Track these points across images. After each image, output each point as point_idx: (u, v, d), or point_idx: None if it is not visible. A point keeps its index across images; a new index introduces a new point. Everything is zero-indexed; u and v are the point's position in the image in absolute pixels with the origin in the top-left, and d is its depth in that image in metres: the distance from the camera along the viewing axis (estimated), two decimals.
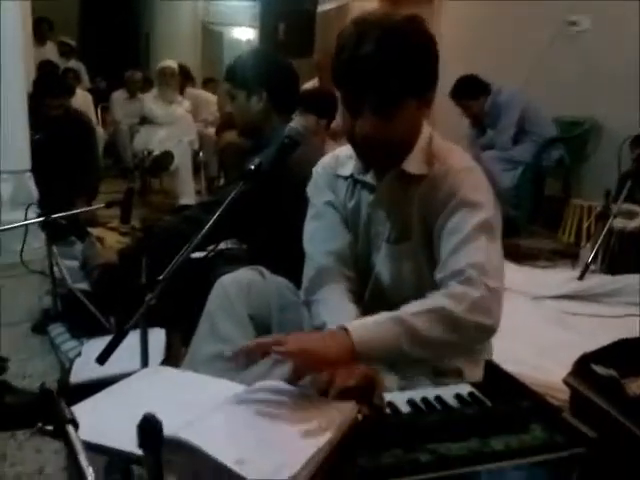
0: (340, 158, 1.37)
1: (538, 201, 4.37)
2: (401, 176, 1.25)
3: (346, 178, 1.35)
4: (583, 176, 4.41)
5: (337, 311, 1.24)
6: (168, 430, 0.62)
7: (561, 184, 4.47)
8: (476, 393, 1.12)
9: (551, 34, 4.42)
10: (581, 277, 2.81)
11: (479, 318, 1.11)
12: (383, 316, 1.11)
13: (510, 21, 4.85)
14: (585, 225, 3.77)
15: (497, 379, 1.15)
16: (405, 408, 1.05)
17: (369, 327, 1.09)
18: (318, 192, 1.38)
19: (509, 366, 1.56)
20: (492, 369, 1.18)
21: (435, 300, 1.12)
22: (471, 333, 1.13)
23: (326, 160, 1.41)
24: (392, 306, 1.30)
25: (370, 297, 1.35)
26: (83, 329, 2.02)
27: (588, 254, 2.95)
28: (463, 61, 4.69)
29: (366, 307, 1.31)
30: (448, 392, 1.11)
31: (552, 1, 4.40)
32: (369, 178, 1.31)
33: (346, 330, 1.07)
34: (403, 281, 1.29)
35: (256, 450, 0.83)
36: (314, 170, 1.41)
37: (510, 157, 4.26)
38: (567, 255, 3.51)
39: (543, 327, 2.37)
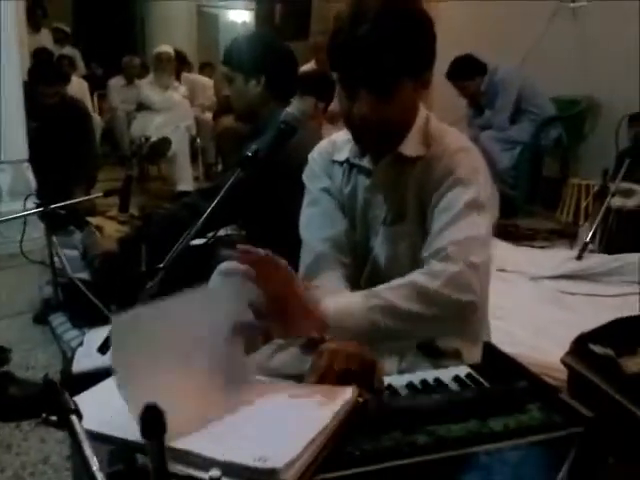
0: (337, 143, 1.37)
1: (536, 181, 4.37)
2: (398, 159, 1.25)
3: (342, 163, 1.35)
4: (581, 155, 4.41)
5: (335, 297, 1.24)
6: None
7: (559, 163, 4.46)
8: (474, 375, 1.13)
9: (549, 11, 4.39)
10: (579, 257, 2.82)
11: (455, 293, 1.10)
12: (358, 292, 1.13)
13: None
14: (583, 204, 3.78)
15: (495, 360, 1.16)
16: (404, 391, 1.06)
17: (341, 301, 1.12)
18: (314, 178, 1.38)
19: (507, 347, 1.57)
20: (490, 350, 1.19)
21: (411, 276, 1.13)
22: (449, 308, 1.12)
23: (322, 145, 1.41)
24: None
25: (367, 281, 1.35)
26: (84, 318, 2.03)
27: (586, 233, 2.96)
28: (459, 40, 4.66)
29: (362, 289, 1.33)
30: (446, 374, 1.12)
31: None
32: (365, 162, 1.31)
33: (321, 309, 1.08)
34: (399, 263, 1.29)
35: (257, 440, 0.84)
36: (310, 156, 1.41)
37: (508, 137, 4.25)
38: (565, 235, 3.51)
39: (541, 307, 2.38)
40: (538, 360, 1.72)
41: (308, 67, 5.11)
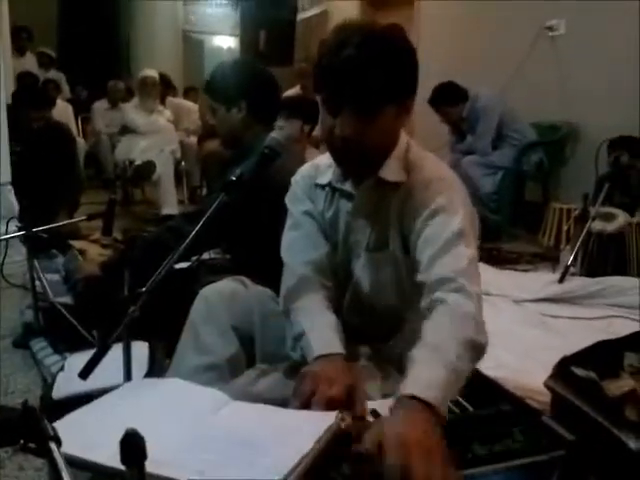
0: (320, 167, 1.38)
1: (518, 205, 4.42)
2: (378, 183, 1.26)
3: (324, 187, 1.36)
4: (562, 179, 4.48)
5: (316, 319, 1.24)
6: (152, 444, 0.62)
7: (541, 188, 4.52)
8: (459, 399, 1.13)
9: (529, 39, 4.48)
10: (561, 280, 2.84)
11: (482, 339, 1.09)
12: (439, 364, 0.99)
13: (488, 26, 4.91)
14: (565, 228, 3.82)
15: (479, 385, 1.16)
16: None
17: (440, 387, 0.96)
18: (296, 201, 1.39)
19: (491, 370, 1.58)
20: (474, 375, 1.20)
21: (458, 326, 1.06)
22: (482, 353, 1.10)
23: (305, 169, 1.42)
24: (371, 309, 1.31)
25: (349, 305, 1.36)
26: (65, 343, 2.00)
27: (568, 257, 2.99)
28: (441, 66, 4.75)
29: (345, 315, 1.33)
30: None
31: (530, 4, 4.46)
32: (347, 186, 1.32)
33: (427, 403, 0.92)
34: (383, 288, 1.29)
35: (241, 462, 0.83)
36: (293, 179, 1.42)
37: (490, 162, 4.31)
38: (547, 258, 3.55)
39: (525, 330, 2.39)
40: (522, 383, 1.73)
41: (292, 92, 5.17)
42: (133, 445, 0.55)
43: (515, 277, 3.16)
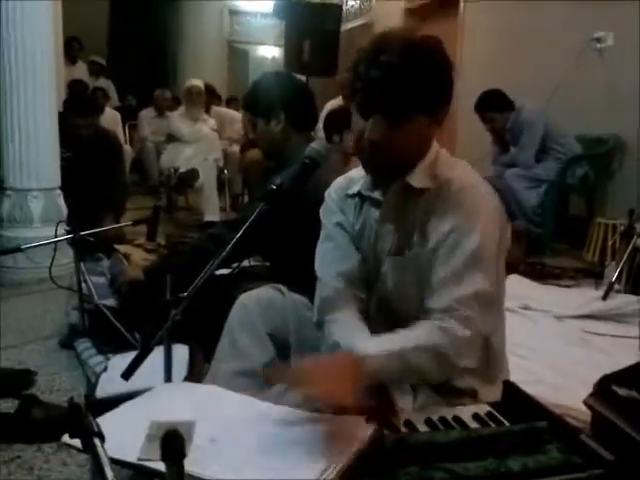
0: (352, 179, 1.40)
1: (562, 219, 4.33)
2: (405, 189, 1.27)
3: (354, 196, 1.37)
4: (608, 194, 4.37)
5: (349, 331, 1.26)
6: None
7: (585, 202, 4.43)
8: (494, 413, 1.13)
9: (575, 50, 4.41)
10: (605, 296, 2.78)
11: (461, 361, 1.16)
12: (393, 345, 1.14)
13: (533, 37, 4.85)
14: (609, 243, 3.73)
15: (515, 399, 1.15)
16: (422, 427, 1.06)
17: (380, 361, 1.12)
18: (329, 213, 1.41)
19: (530, 386, 1.55)
20: (511, 389, 1.19)
21: (439, 336, 1.15)
22: (450, 374, 1.20)
23: (338, 182, 1.44)
24: (395, 317, 1.31)
25: (375, 310, 1.36)
26: (109, 344, 2.05)
27: (612, 273, 2.92)
28: (485, 77, 4.71)
29: (372, 320, 1.33)
30: (466, 412, 1.12)
31: (577, 15, 4.40)
32: (377, 194, 1.33)
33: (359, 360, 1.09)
34: (406, 292, 1.29)
35: (275, 467, 0.85)
36: (326, 193, 1.45)
37: (534, 175, 4.24)
38: (591, 274, 3.46)
39: (565, 347, 2.35)
40: (561, 401, 1.70)
41: (335, 103, 5.20)
42: (173, 443, 0.57)
43: (557, 292, 3.11)
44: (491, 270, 1.20)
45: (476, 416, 1.10)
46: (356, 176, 1.40)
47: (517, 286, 2.99)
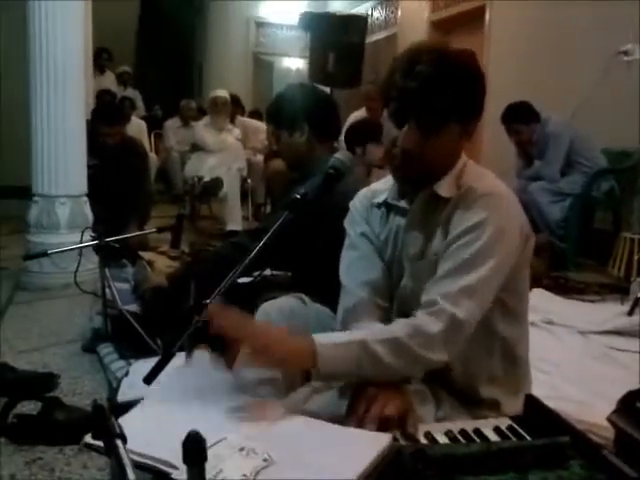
0: (376, 191, 1.42)
1: (587, 233, 4.27)
2: (431, 198, 1.28)
3: (380, 206, 1.39)
4: (634, 208, 4.30)
5: None
6: None
7: (611, 216, 4.37)
8: (515, 427, 1.11)
9: (601, 63, 4.37)
10: (630, 312, 2.74)
11: (430, 353, 1.15)
12: (352, 337, 1.17)
13: (560, 50, 4.83)
14: (635, 258, 3.67)
15: (538, 413, 1.14)
16: (443, 439, 1.05)
17: (337, 352, 1.14)
18: (354, 223, 1.43)
19: (552, 401, 1.53)
20: (533, 403, 1.17)
21: (401, 328, 1.17)
22: (421, 365, 1.18)
23: (362, 193, 1.46)
24: None
25: (396, 314, 1.36)
26: (131, 350, 2.07)
27: (638, 289, 2.87)
28: (510, 90, 4.69)
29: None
30: (487, 425, 1.11)
31: (604, 28, 4.36)
32: (403, 204, 1.34)
33: (314, 352, 1.13)
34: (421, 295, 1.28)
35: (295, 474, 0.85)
36: (351, 203, 1.46)
37: (558, 189, 4.20)
38: (616, 289, 3.41)
39: (589, 362, 2.31)
40: (584, 417, 1.68)
41: (358, 114, 5.21)
42: (194, 446, 0.58)
43: (582, 307, 3.07)
44: (489, 272, 1.18)
45: (497, 429, 1.09)
46: (380, 187, 1.41)
47: (541, 300, 2.96)
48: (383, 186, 1.40)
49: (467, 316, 1.15)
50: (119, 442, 0.68)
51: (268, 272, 2.27)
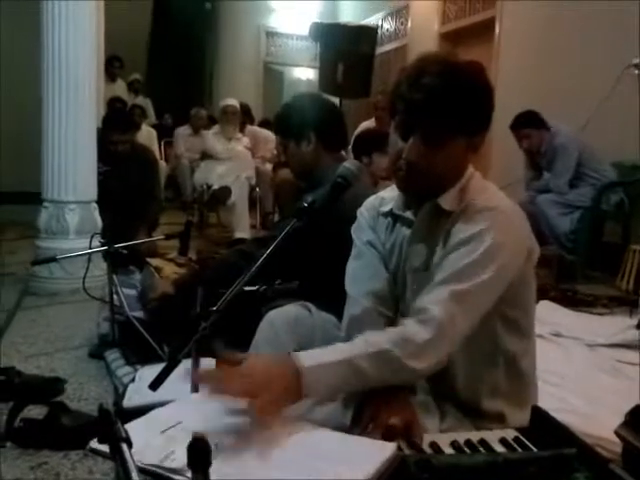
0: (384, 199, 1.42)
1: (596, 246, 4.26)
2: (435, 211, 1.27)
3: (386, 215, 1.39)
4: None
5: None
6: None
7: (620, 229, 4.35)
8: (522, 438, 1.11)
9: (612, 76, 4.37)
10: (639, 325, 2.72)
11: (416, 363, 1.12)
12: (338, 356, 1.11)
13: (570, 62, 4.82)
14: None
15: (544, 425, 1.13)
16: (448, 450, 1.05)
17: (321, 373, 1.09)
18: (360, 231, 1.43)
19: (559, 414, 1.52)
20: (539, 415, 1.17)
21: (389, 338, 1.13)
22: (407, 375, 1.15)
23: (370, 201, 1.46)
24: None
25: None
26: (138, 356, 2.07)
27: None
28: (520, 101, 4.69)
29: None
30: (493, 436, 1.10)
31: (615, 41, 4.36)
32: (408, 214, 1.34)
33: (298, 376, 1.07)
34: None
35: None
36: (358, 211, 1.46)
37: (567, 201, 4.19)
38: (625, 302, 3.39)
39: (597, 375, 2.30)
40: (591, 430, 1.66)
41: (367, 124, 5.23)
42: (199, 450, 0.58)
43: (590, 320, 3.05)
44: (481, 287, 1.16)
45: (503, 440, 1.08)
46: (388, 196, 1.41)
47: (549, 312, 2.95)
48: (390, 194, 1.40)
49: (456, 323, 1.14)
50: (125, 446, 0.68)
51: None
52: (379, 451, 0.95)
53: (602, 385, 2.19)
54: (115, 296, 2.32)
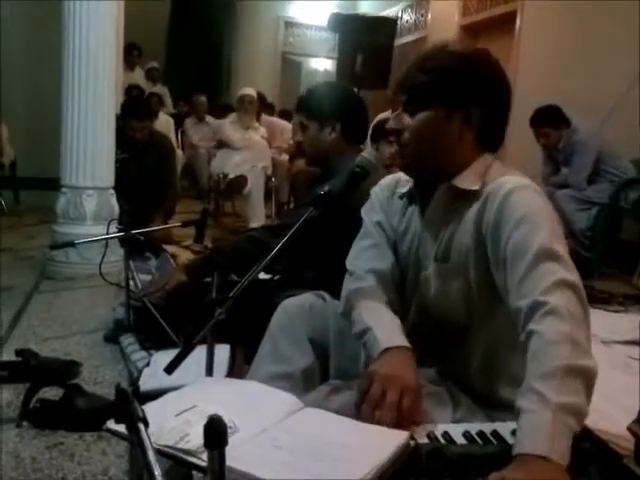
0: (401, 180, 1.41)
1: (613, 243, 4.22)
2: (451, 192, 1.24)
3: (402, 197, 1.38)
4: None
5: (382, 316, 1.25)
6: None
7: (638, 227, 4.31)
8: None
9: (632, 72, 4.32)
10: None
11: (586, 360, 1.01)
12: (543, 410, 0.93)
13: (590, 57, 4.77)
14: None
15: None
16: (460, 440, 1.05)
17: (545, 437, 0.91)
18: (371, 211, 1.42)
19: None
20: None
21: (553, 357, 0.98)
22: (593, 377, 1.03)
23: (386, 181, 1.45)
24: (439, 324, 1.29)
25: (414, 319, 1.34)
26: (153, 341, 2.09)
27: None
28: (540, 95, 4.65)
29: (411, 325, 1.32)
30: (505, 428, 1.10)
31: (635, 38, 4.30)
32: (421, 199, 1.32)
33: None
34: (450, 300, 1.25)
35: (311, 468, 0.86)
36: (372, 190, 1.45)
37: (585, 197, 4.16)
38: None
39: (611, 373, 2.28)
40: (604, 426, 1.65)
41: (384, 116, 5.21)
42: (216, 430, 0.59)
43: (604, 317, 3.03)
44: (568, 262, 1.08)
45: (515, 432, 1.08)
46: (403, 178, 1.40)
47: None
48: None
49: (574, 283, 1.05)
50: (141, 426, 0.69)
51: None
52: (392, 439, 0.96)
53: (615, 382, 2.17)
54: (131, 282, 2.34)
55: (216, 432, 0.59)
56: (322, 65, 10.00)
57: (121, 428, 0.79)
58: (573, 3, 4.95)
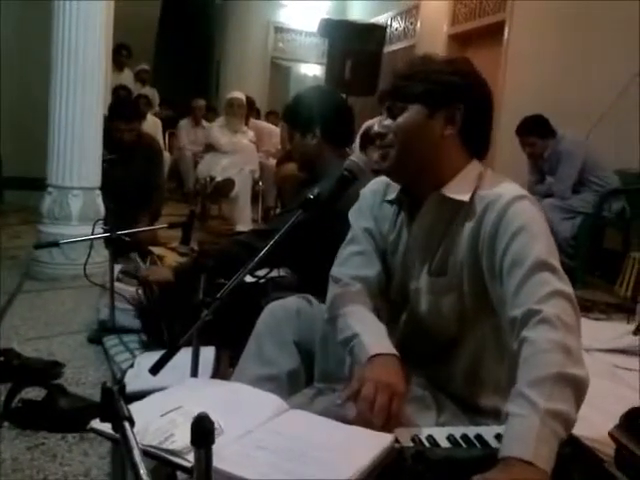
0: (390, 185, 1.38)
1: (596, 252, 4.27)
2: (441, 201, 1.23)
3: (392, 203, 1.36)
4: None
5: (369, 322, 1.25)
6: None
7: (621, 236, 4.36)
8: None
9: (618, 85, 4.37)
10: (636, 332, 2.73)
11: (580, 363, 1.02)
12: (531, 416, 0.94)
13: (577, 68, 4.83)
14: None
15: None
16: (444, 443, 1.06)
17: (531, 442, 0.91)
18: (360, 216, 1.41)
19: None
20: None
21: (548, 365, 0.98)
22: (584, 387, 1.03)
23: (375, 185, 1.42)
24: (427, 339, 1.29)
25: (404, 328, 1.34)
26: (137, 342, 2.09)
27: None
28: (527, 104, 4.69)
29: (399, 339, 1.31)
30: (489, 431, 1.11)
31: (623, 49, 4.36)
32: (409, 205, 1.31)
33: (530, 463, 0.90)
34: (442, 313, 1.25)
35: (296, 474, 0.86)
36: (361, 192, 1.44)
37: (569, 206, 4.20)
38: (623, 309, 3.41)
39: (593, 380, 2.29)
40: (586, 433, 1.67)
41: (372, 122, 5.23)
42: (203, 428, 0.59)
43: (587, 325, 3.05)
44: (562, 273, 1.08)
45: (499, 436, 1.09)
46: (393, 183, 1.39)
47: None
48: None
49: (568, 293, 1.05)
50: (127, 425, 0.69)
51: (275, 274, 2.28)
52: (376, 442, 0.96)
53: (598, 389, 2.18)
54: (116, 283, 2.33)
55: (203, 431, 0.59)
56: (311, 71, 10.02)
57: (106, 427, 0.79)
58: (561, 14, 5.01)
